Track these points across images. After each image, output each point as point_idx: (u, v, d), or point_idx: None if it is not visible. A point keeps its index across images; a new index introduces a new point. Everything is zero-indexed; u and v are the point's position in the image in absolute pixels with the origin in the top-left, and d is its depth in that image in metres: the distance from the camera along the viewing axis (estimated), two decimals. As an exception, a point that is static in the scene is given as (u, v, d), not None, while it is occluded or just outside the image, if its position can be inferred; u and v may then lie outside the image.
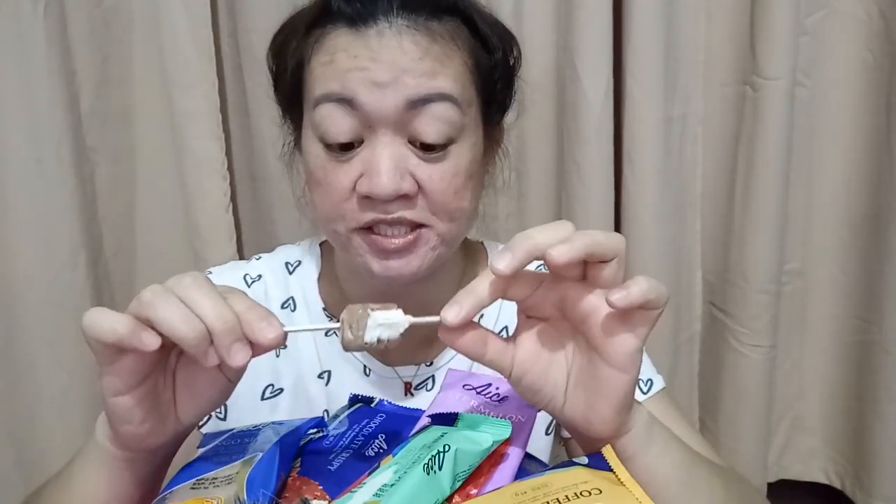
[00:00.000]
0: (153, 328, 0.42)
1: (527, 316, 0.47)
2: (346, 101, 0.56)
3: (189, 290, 0.42)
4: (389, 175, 0.55)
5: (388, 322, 0.45)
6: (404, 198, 0.57)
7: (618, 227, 1.06)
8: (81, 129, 0.99)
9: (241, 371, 0.47)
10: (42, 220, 0.96)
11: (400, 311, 0.45)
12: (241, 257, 1.08)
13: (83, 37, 0.98)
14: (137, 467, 0.49)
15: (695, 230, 1.08)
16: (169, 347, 0.44)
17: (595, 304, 0.44)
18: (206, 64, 1.00)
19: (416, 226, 0.59)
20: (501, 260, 0.42)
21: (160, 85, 1.02)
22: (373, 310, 0.45)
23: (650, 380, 0.70)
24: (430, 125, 0.56)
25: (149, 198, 1.08)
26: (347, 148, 0.58)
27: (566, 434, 0.71)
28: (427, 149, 0.57)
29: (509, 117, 0.70)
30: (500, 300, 0.69)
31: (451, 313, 0.43)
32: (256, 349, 0.43)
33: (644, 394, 0.68)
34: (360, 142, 0.58)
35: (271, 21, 0.66)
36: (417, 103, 0.56)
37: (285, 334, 0.44)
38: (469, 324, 0.45)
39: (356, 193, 0.58)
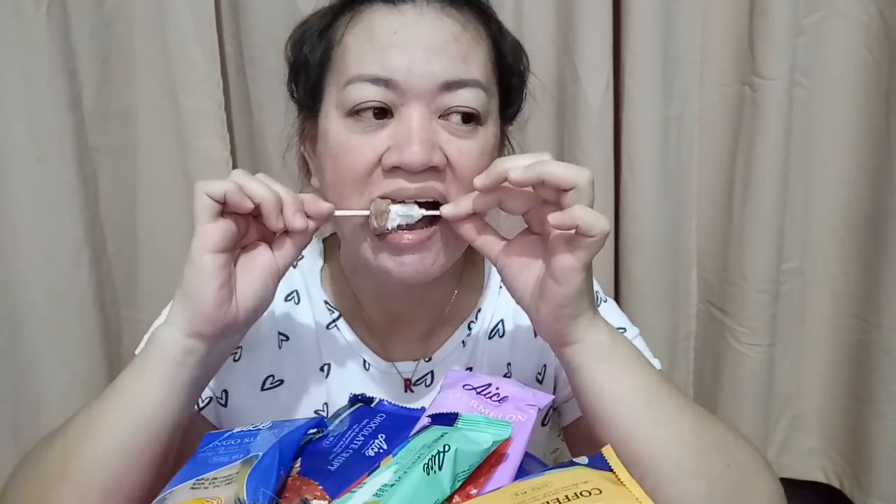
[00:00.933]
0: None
1: (527, 228, 0.57)
2: (384, 81, 0.57)
3: (264, 178, 0.55)
4: (422, 145, 0.56)
5: (404, 213, 0.57)
6: (433, 170, 0.58)
7: (616, 226, 1.07)
8: (84, 128, 0.99)
9: (290, 254, 0.57)
10: (45, 220, 0.97)
11: (415, 205, 0.57)
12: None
13: (85, 37, 0.98)
14: (186, 369, 0.55)
15: (691, 229, 1.08)
16: (242, 233, 0.56)
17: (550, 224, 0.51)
18: (210, 64, 1.01)
19: (433, 220, 0.59)
20: (478, 178, 0.54)
21: (162, 84, 1.03)
22: (393, 203, 0.57)
23: (622, 328, 0.70)
24: (461, 106, 0.59)
25: (151, 197, 1.08)
26: (381, 115, 0.58)
27: (565, 421, 0.72)
28: (456, 127, 0.59)
29: (513, 126, 0.71)
30: (497, 296, 0.70)
31: (448, 209, 0.56)
32: (311, 220, 0.56)
33: None
34: (390, 115, 0.58)
35: (274, 21, 0.66)
36: (452, 86, 0.58)
37: (332, 211, 0.58)
38: (471, 215, 0.56)
39: (381, 167, 0.58)
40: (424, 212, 0.57)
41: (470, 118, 0.59)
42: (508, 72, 0.66)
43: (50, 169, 0.96)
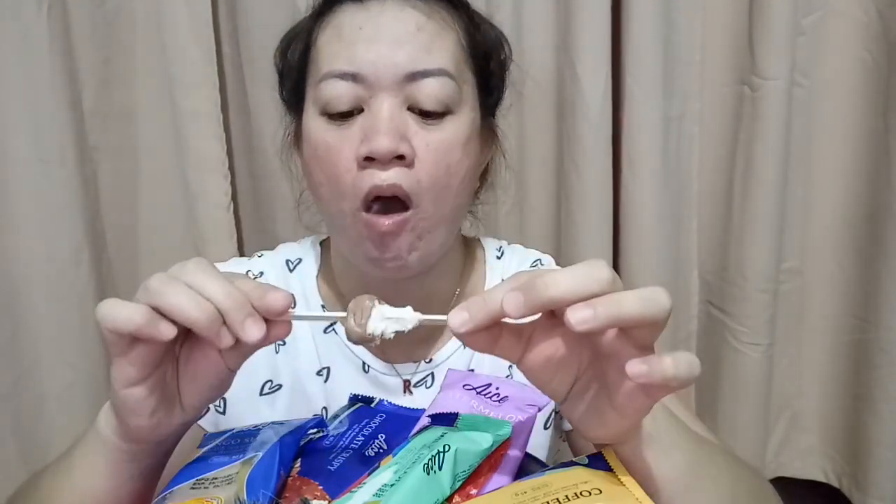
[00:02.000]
0: (164, 316, 0.42)
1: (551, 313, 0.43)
2: (351, 76, 0.59)
3: (194, 274, 0.43)
4: (389, 135, 0.57)
5: (394, 316, 0.44)
6: (401, 160, 0.58)
7: (616, 227, 1.07)
8: (84, 128, 1.00)
9: (241, 358, 0.47)
10: (45, 219, 0.97)
11: (409, 309, 0.45)
12: (242, 256, 1.08)
13: (86, 37, 0.98)
14: (140, 459, 0.50)
15: (691, 229, 1.08)
16: (175, 337, 0.44)
17: (618, 352, 0.41)
18: (207, 64, 1.01)
19: (405, 208, 0.59)
20: (513, 301, 0.39)
21: (162, 85, 1.03)
22: (380, 303, 0.45)
23: None
24: (428, 95, 0.59)
25: (151, 196, 1.08)
26: (348, 115, 0.60)
27: (567, 426, 0.72)
28: (425, 115, 0.59)
29: (507, 121, 0.71)
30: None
31: (458, 321, 0.41)
32: (270, 329, 0.44)
33: None
34: (361, 110, 0.60)
35: (271, 21, 0.67)
36: (416, 76, 0.59)
37: (293, 302, 0.44)
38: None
39: (356, 161, 0.59)
40: (421, 316, 0.45)
41: (439, 105, 0.59)
42: (484, 59, 0.66)
43: (50, 168, 0.96)
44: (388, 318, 0.44)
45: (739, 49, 1.01)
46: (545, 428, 0.71)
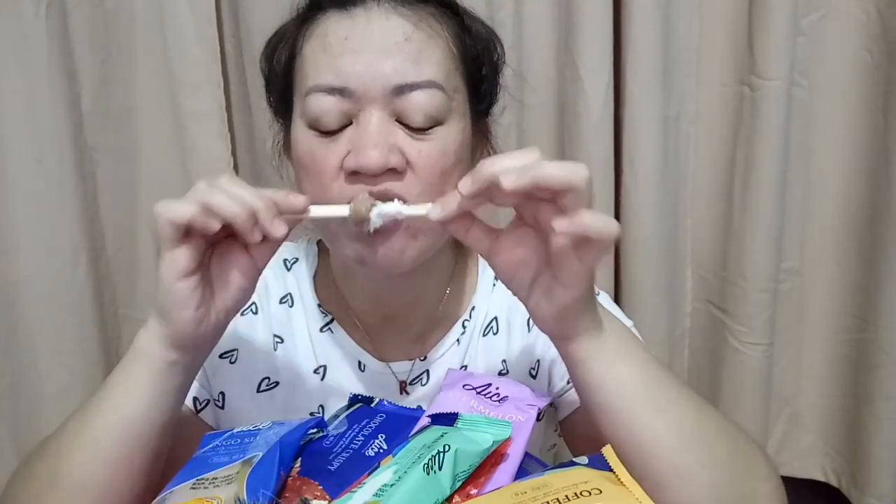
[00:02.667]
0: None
1: (519, 218, 0.52)
2: (338, 90, 0.58)
3: (230, 184, 0.51)
4: (378, 148, 0.56)
5: (386, 213, 0.54)
6: (392, 172, 0.57)
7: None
8: (83, 128, 0.99)
9: (269, 253, 0.54)
10: (43, 220, 0.97)
11: (398, 202, 0.54)
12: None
13: (84, 37, 0.98)
14: (173, 375, 0.54)
15: (685, 227, 1.08)
16: (210, 241, 0.52)
17: (552, 223, 0.48)
18: (211, 64, 1.01)
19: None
20: (463, 183, 0.49)
21: (162, 84, 1.03)
22: (374, 204, 0.54)
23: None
24: (417, 108, 0.58)
25: (150, 197, 1.08)
26: (340, 124, 0.59)
27: (561, 415, 0.72)
28: (414, 129, 0.59)
29: (507, 121, 0.70)
30: (490, 293, 0.71)
31: (435, 211, 0.51)
32: (290, 222, 0.52)
33: None
34: (349, 123, 0.59)
35: (274, 20, 0.66)
36: (404, 89, 0.57)
37: (308, 205, 0.53)
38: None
39: (343, 172, 0.58)
40: (408, 210, 0.54)
41: (428, 119, 0.58)
42: (476, 64, 0.65)
43: (49, 169, 0.96)
44: (381, 215, 0.54)
45: (739, 49, 1.01)
46: (538, 419, 0.71)
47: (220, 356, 0.69)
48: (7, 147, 0.94)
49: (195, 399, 0.68)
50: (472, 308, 0.72)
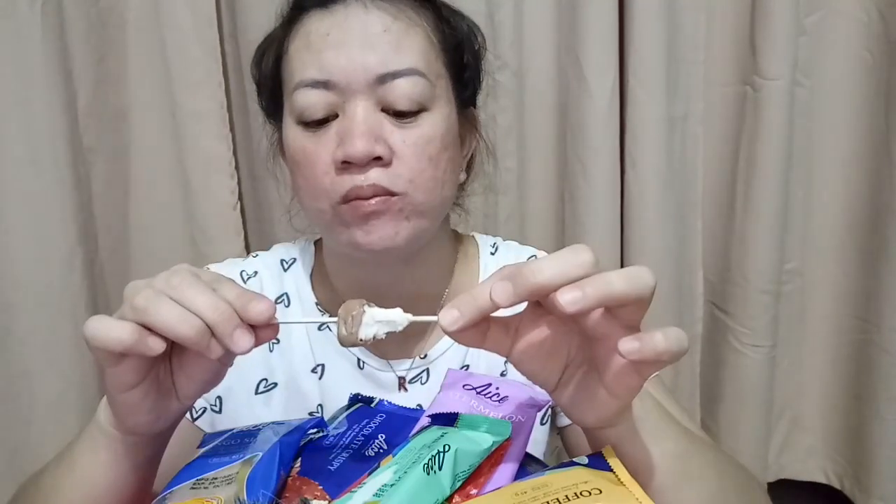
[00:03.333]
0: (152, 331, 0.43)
1: (535, 303, 0.44)
2: (322, 84, 0.59)
3: (180, 288, 0.43)
4: (364, 137, 0.58)
5: (385, 319, 0.45)
6: (378, 161, 0.59)
7: (621, 227, 1.06)
8: (78, 128, 0.99)
9: (233, 356, 0.47)
10: (38, 221, 0.96)
11: (399, 310, 0.45)
12: (249, 254, 1.08)
13: (80, 36, 0.98)
14: (140, 450, 0.51)
15: (696, 231, 1.08)
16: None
17: (607, 333, 0.42)
18: (211, 63, 1.00)
19: (389, 194, 0.59)
20: (501, 292, 0.40)
21: (158, 84, 1.02)
22: (370, 306, 0.45)
23: None
24: (400, 96, 0.59)
25: (145, 198, 1.07)
26: (324, 122, 0.60)
27: (562, 423, 0.72)
28: (399, 115, 0.60)
29: (504, 118, 0.70)
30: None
31: (449, 320, 0.41)
32: (258, 333, 0.44)
33: None
34: (335, 116, 0.60)
35: (273, 20, 0.66)
36: (386, 77, 0.59)
37: (275, 309, 0.44)
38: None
39: (334, 165, 0.59)
40: (411, 317, 0.45)
41: (412, 105, 0.60)
42: (456, 51, 0.66)
43: (43, 170, 0.95)
44: (379, 322, 0.45)
45: (741, 49, 1.01)
46: (542, 423, 0.71)
47: None
48: (1, 148, 0.94)
49: (191, 409, 0.68)
50: None
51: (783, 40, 0.97)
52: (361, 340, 0.44)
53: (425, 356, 0.71)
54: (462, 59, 0.67)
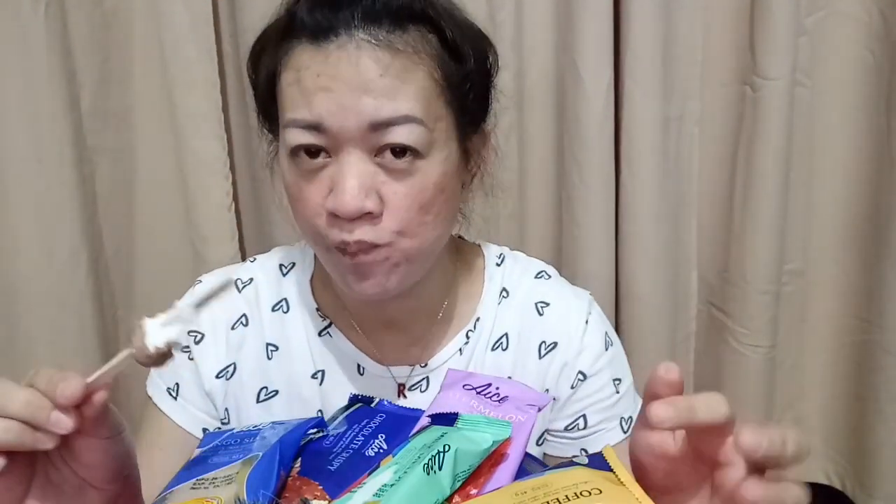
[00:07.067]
0: None
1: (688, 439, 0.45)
2: (314, 126, 0.56)
3: None
4: (353, 194, 0.55)
5: (167, 320, 0.44)
6: (368, 216, 0.57)
7: (617, 227, 1.06)
8: (82, 128, 0.99)
9: (97, 425, 0.45)
10: (43, 220, 0.96)
11: (177, 302, 0.45)
12: (244, 257, 1.08)
13: (84, 37, 0.98)
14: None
15: (691, 230, 1.08)
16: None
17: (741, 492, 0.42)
18: (207, 64, 1.00)
19: (374, 246, 0.58)
20: (663, 411, 0.41)
21: (161, 85, 1.02)
22: (149, 316, 0.44)
23: (618, 379, 0.70)
24: (394, 145, 0.56)
25: (149, 197, 1.08)
26: (319, 154, 0.57)
27: (547, 451, 0.72)
28: (393, 164, 0.57)
29: (504, 118, 0.68)
30: (496, 306, 0.70)
31: (662, 414, 0.41)
32: (85, 410, 0.43)
33: (625, 433, 0.69)
34: (329, 155, 0.58)
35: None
36: (380, 126, 0.55)
37: (83, 384, 0.43)
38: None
39: (325, 211, 0.58)
40: (190, 307, 0.45)
41: (406, 155, 0.57)
42: (463, 85, 0.61)
43: (48, 169, 0.96)
44: (165, 326, 0.43)
45: (740, 49, 1.01)
46: (538, 444, 0.71)
47: (216, 376, 0.69)
48: (7, 147, 0.94)
49: (204, 430, 0.68)
50: (477, 319, 0.70)
51: (783, 40, 0.97)
52: (157, 349, 0.43)
53: (426, 365, 0.70)
54: (468, 91, 0.62)
